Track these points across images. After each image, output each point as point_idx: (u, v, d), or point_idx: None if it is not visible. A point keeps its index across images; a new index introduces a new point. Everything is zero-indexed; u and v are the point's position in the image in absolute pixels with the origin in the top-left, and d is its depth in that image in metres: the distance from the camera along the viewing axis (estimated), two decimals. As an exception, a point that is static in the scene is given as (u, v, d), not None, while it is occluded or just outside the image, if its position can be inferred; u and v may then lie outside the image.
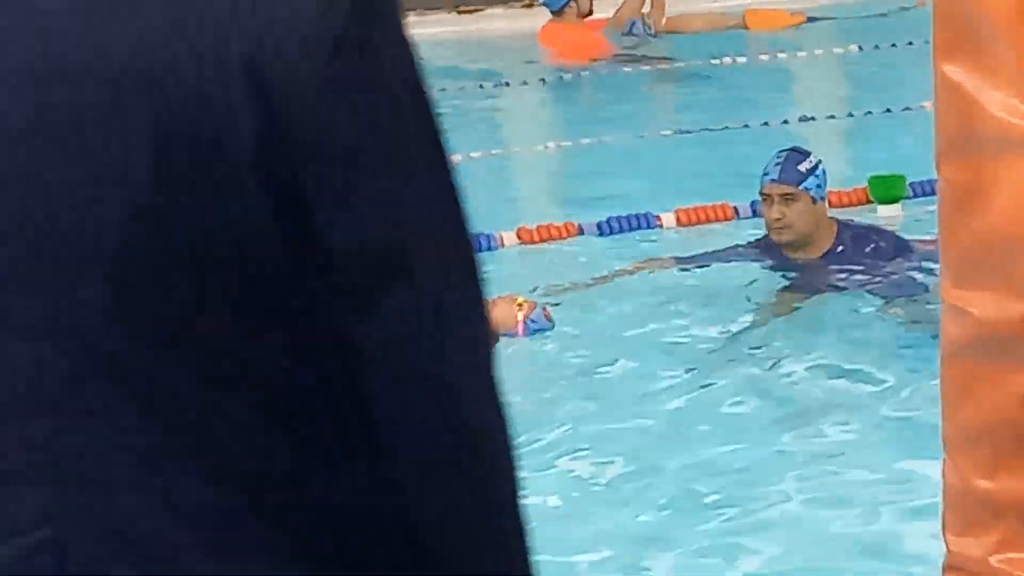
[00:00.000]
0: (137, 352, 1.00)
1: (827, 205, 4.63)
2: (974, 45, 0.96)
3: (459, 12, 8.62)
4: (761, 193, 4.50)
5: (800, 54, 8.00)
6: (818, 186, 4.44)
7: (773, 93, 7.42)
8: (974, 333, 1.01)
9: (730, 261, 4.79)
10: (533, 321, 4.43)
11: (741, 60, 7.58)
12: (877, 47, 8.11)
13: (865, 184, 5.26)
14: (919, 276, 4.53)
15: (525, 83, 7.47)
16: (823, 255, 4.54)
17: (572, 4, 7.41)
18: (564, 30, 7.51)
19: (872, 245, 4.59)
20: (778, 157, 4.47)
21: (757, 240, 4.73)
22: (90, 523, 1.02)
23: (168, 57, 0.91)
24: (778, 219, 4.42)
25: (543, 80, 7.49)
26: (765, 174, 4.45)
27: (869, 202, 5.21)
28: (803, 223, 4.45)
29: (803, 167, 4.42)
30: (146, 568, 1.01)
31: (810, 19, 8.16)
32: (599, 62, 7.50)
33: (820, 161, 4.51)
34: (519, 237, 5.29)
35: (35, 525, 1.02)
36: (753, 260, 4.72)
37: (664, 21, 7.77)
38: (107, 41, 0.91)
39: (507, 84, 7.51)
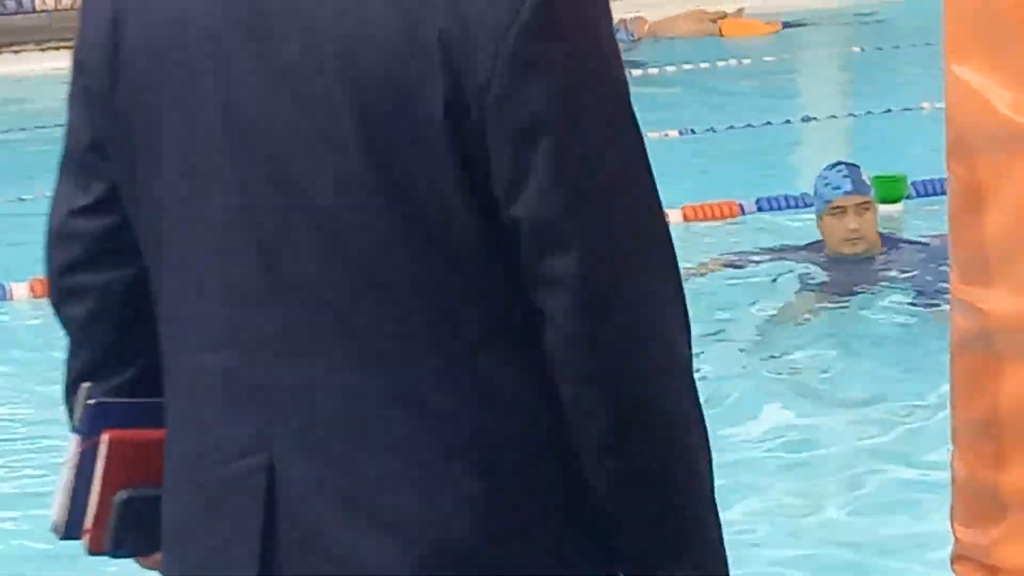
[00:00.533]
0: (346, 293, 1.08)
1: None
2: (984, 44, 0.97)
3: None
4: (832, 207, 4.45)
5: (784, 56, 8.41)
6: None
7: (755, 97, 7.78)
8: (982, 327, 1.01)
9: (784, 260, 4.83)
10: None
11: (721, 64, 8.04)
12: (861, 49, 8.30)
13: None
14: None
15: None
16: (874, 257, 4.61)
17: None
18: None
19: (909, 245, 4.71)
20: (840, 170, 4.46)
21: (809, 244, 4.76)
22: (298, 450, 1.09)
23: (382, 31, 1.06)
24: (855, 229, 4.42)
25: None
26: (835, 188, 4.41)
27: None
28: (873, 232, 4.51)
29: (865, 177, 4.46)
30: (350, 492, 1.08)
31: (786, 24, 8.60)
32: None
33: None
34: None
35: (254, 448, 1.10)
36: (805, 261, 4.75)
37: (646, 27, 8.23)
38: (343, 20, 1.07)
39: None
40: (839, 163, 4.55)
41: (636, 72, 7.80)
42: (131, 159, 1.17)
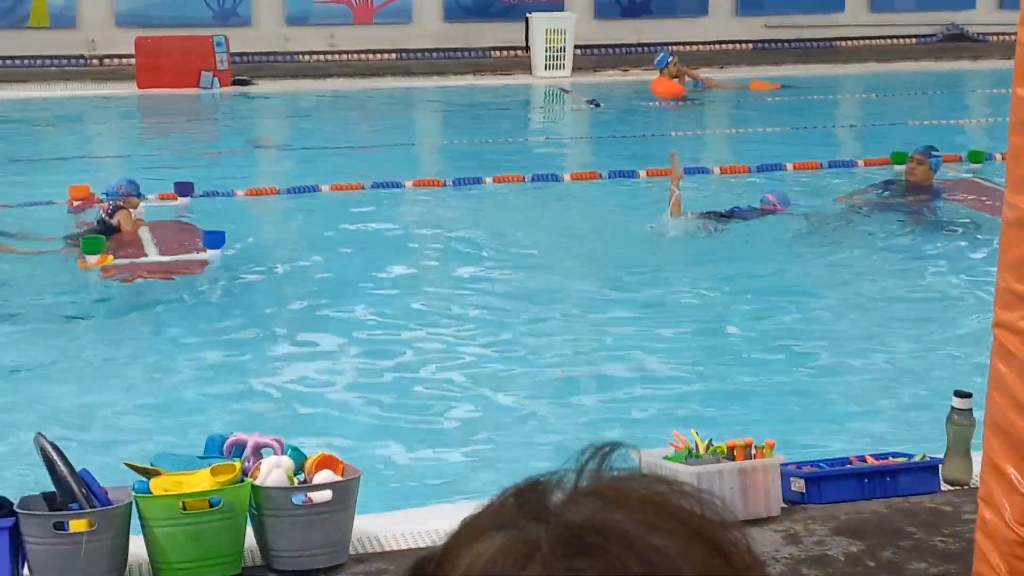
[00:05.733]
0: None
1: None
2: None
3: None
4: (910, 156, 9.00)
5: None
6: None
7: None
8: None
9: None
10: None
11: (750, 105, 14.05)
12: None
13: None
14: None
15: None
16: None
17: (668, 68, 14.23)
18: (663, 81, 14.28)
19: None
20: (923, 145, 9.09)
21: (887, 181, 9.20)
22: None
23: None
24: (912, 170, 8.90)
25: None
26: (916, 149, 9.01)
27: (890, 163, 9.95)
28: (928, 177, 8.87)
29: (935, 152, 8.96)
30: None
31: (784, 87, 14.58)
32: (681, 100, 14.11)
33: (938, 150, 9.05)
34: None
35: None
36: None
37: (711, 81, 14.83)
38: None
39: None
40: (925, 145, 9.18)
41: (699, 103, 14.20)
42: None
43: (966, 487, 4.20)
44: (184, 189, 9.12)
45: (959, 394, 4.21)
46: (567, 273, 7.48)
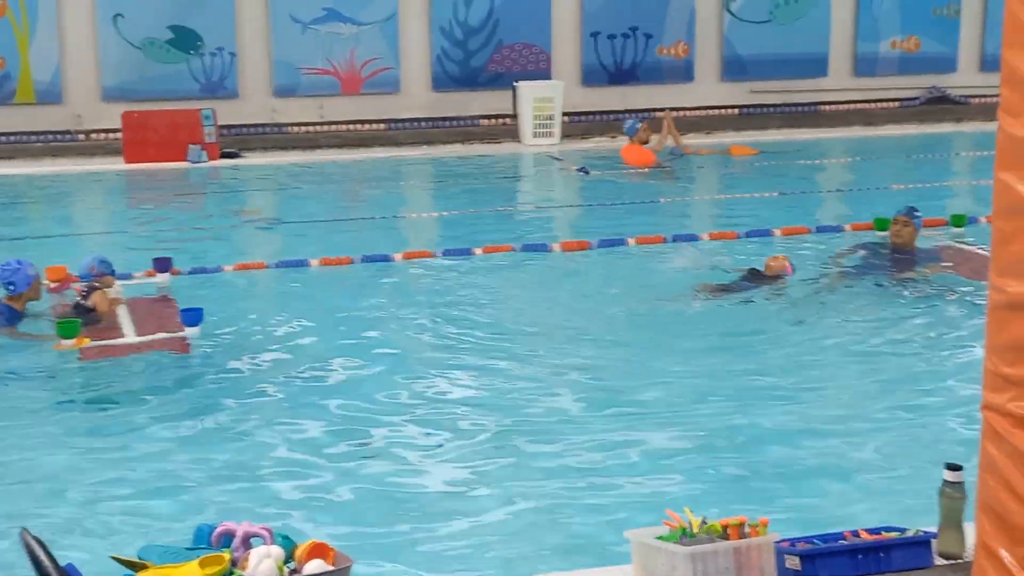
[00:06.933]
0: None
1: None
2: (1020, 162, 1.39)
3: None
4: (894, 219, 9.08)
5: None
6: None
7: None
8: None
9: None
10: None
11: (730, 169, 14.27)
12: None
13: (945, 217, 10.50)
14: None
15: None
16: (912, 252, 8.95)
17: (638, 135, 14.23)
18: (634, 149, 14.19)
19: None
20: (905, 206, 9.10)
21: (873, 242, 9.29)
22: None
23: None
24: (898, 232, 8.97)
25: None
26: (898, 211, 9.12)
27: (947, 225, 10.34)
28: (913, 237, 9.03)
29: (917, 213, 9.04)
30: None
31: (761, 152, 14.82)
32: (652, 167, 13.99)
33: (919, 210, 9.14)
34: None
35: None
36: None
37: (688, 148, 14.77)
38: None
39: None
40: (906, 206, 9.34)
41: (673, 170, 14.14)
42: None
43: (960, 560, 4.17)
44: (163, 265, 9.07)
45: (950, 467, 4.20)
46: (560, 347, 7.46)
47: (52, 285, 8.67)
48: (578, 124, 16.83)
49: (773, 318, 7.89)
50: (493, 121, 17.03)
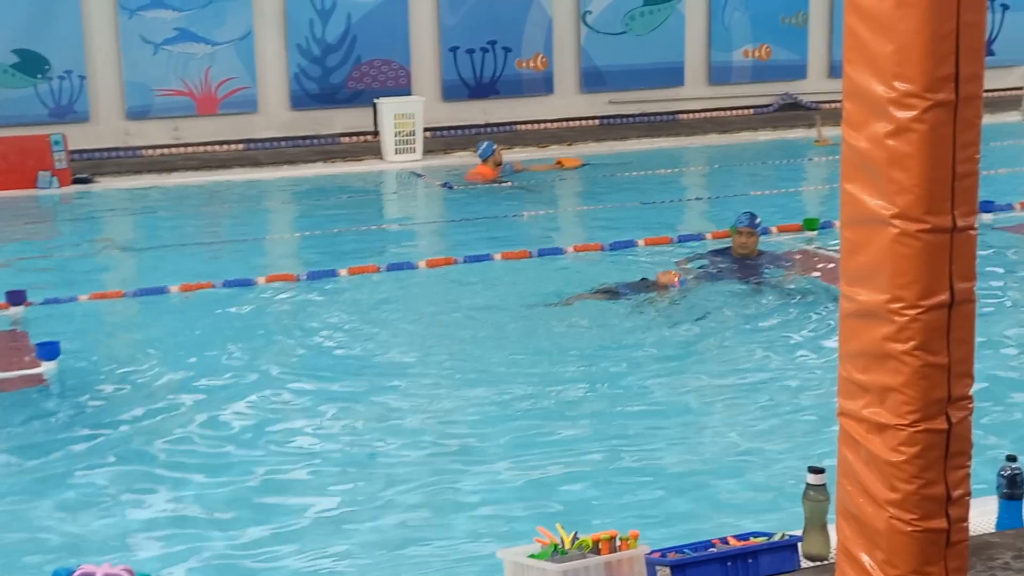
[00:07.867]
0: None
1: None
2: (864, 174, 1.58)
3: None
4: (737, 229, 9.04)
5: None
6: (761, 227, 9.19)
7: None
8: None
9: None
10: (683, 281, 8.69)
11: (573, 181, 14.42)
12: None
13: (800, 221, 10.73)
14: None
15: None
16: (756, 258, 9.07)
17: (491, 157, 14.07)
18: (481, 169, 14.18)
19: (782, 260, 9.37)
20: (744, 215, 9.12)
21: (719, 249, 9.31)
22: None
23: None
24: (744, 243, 9.00)
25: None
26: (739, 221, 9.06)
27: (802, 229, 10.55)
28: (756, 245, 9.05)
29: (757, 220, 9.09)
30: None
31: (585, 164, 15.00)
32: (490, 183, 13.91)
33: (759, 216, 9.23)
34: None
35: None
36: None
37: (518, 164, 14.86)
38: None
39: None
40: (745, 212, 9.19)
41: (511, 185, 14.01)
42: None
43: (825, 561, 4.26)
44: (16, 298, 8.77)
45: (812, 469, 4.28)
46: (430, 365, 7.42)
47: None
48: (440, 139, 16.81)
49: (647, 328, 7.97)
50: (354, 139, 16.90)
